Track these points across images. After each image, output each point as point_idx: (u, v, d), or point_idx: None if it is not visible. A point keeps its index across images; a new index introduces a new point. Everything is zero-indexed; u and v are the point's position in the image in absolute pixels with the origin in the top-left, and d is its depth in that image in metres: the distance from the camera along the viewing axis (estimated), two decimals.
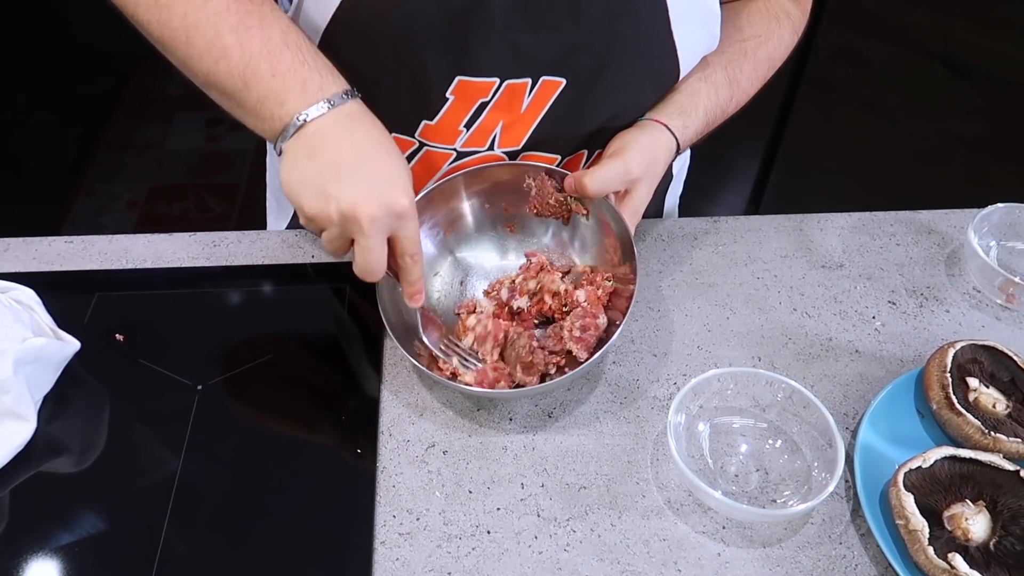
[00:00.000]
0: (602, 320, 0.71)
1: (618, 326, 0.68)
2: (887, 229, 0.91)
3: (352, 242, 0.61)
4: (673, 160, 0.75)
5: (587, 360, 0.67)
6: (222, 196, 2.26)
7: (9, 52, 2.19)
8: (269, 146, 0.90)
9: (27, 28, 2.18)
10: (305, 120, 0.59)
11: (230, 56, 0.59)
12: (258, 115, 0.61)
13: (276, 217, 0.96)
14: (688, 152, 0.94)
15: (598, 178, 0.69)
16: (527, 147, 0.74)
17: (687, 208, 1.00)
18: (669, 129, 0.73)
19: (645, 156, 0.71)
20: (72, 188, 2.22)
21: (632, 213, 0.71)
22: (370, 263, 0.60)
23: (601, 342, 0.70)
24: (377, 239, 0.60)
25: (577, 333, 0.70)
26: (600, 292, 0.72)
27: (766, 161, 2.02)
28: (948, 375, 0.69)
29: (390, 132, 0.63)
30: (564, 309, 0.74)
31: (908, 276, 0.85)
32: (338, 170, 0.59)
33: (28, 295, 0.73)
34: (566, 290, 0.74)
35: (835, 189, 1.80)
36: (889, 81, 1.71)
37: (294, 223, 0.90)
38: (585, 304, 0.72)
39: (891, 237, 0.90)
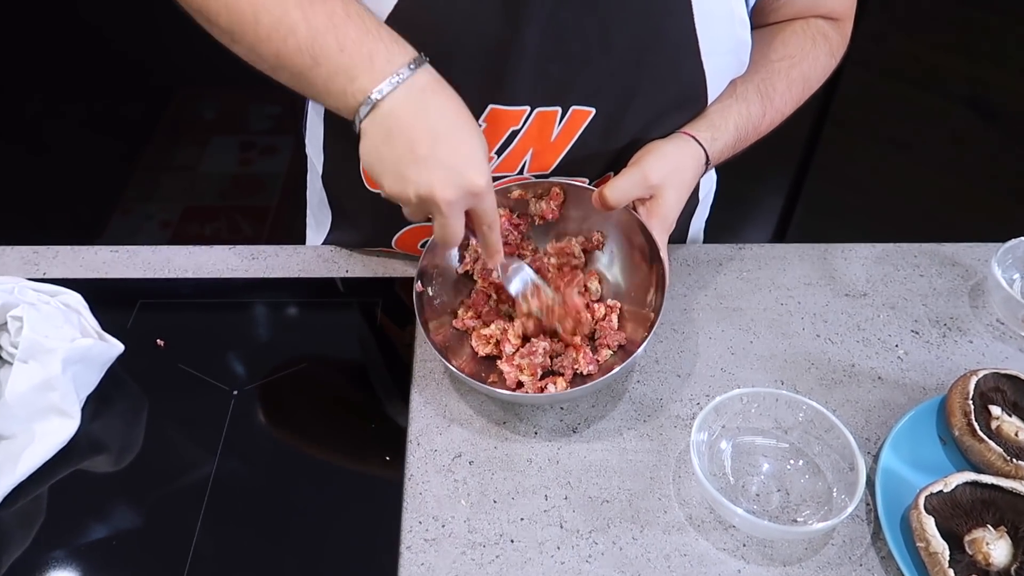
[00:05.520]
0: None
1: (644, 339, 0.70)
2: (911, 260, 0.92)
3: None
4: (704, 173, 0.76)
5: (610, 373, 0.69)
6: (253, 218, 2.30)
7: (53, 75, 2.27)
8: (310, 168, 0.93)
9: (71, 53, 2.26)
10: (378, 99, 0.59)
11: (297, 32, 0.59)
12: (329, 92, 0.61)
13: (315, 233, 0.99)
14: (714, 179, 0.96)
15: (617, 188, 0.71)
16: (555, 172, 0.76)
17: (711, 241, 1.02)
18: (697, 140, 0.74)
19: (666, 163, 0.72)
20: (108, 206, 2.28)
21: (660, 219, 0.72)
22: (447, 237, 0.63)
23: (626, 355, 0.72)
24: (454, 217, 0.62)
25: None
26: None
27: (790, 198, 2.03)
28: (971, 402, 0.70)
29: None
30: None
31: (932, 306, 0.86)
32: (414, 154, 0.60)
33: (76, 299, 0.76)
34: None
35: (860, 227, 1.80)
36: (915, 122, 1.72)
37: (330, 240, 0.92)
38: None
39: (915, 268, 0.91)
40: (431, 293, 0.77)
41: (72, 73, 2.30)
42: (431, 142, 0.60)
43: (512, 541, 0.65)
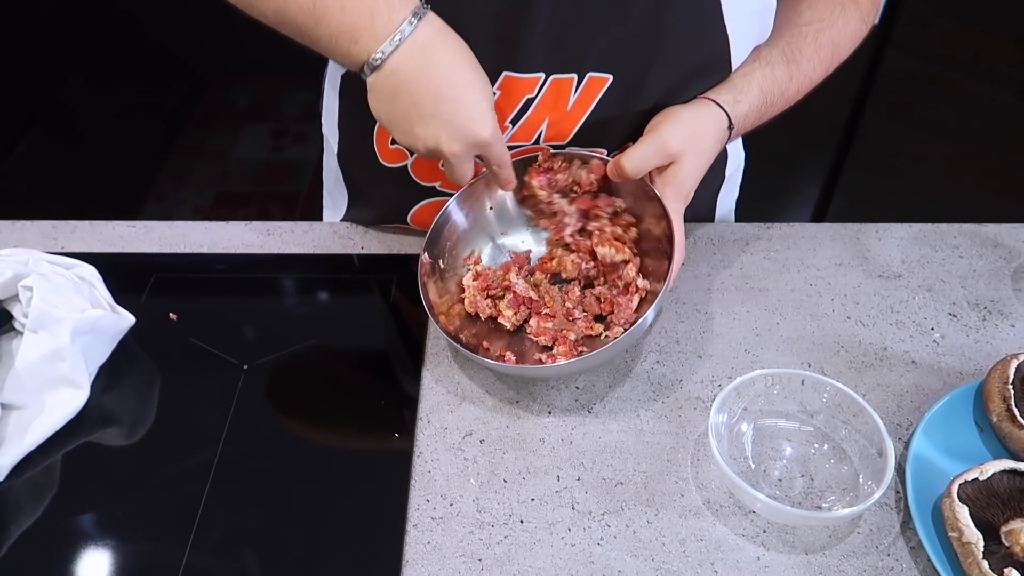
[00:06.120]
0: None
1: (652, 302, 0.66)
2: (950, 241, 0.87)
3: None
4: (728, 139, 0.72)
5: (615, 340, 0.66)
6: (283, 204, 2.31)
7: (90, 64, 2.30)
8: (326, 147, 0.92)
9: (108, 42, 2.29)
10: (381, 60, 0.60)
11: None
12: (335, 51, 0.62)
13: (331, 214, 0.98)
14: (742, 156, 0.92)
15: (635, 157, 0.67)
16: (572, 143, 0.74)
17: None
18: (718, 104, 0.70)
19: (684, 129, 0.69)
20: (143, 191, 2.31)
21: (675, 188, 0.68)
22: (458, 180, 0.68)
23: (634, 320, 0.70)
24: (463, 165, 0.66)
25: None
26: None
27: (827, 186, 1.97)
28: (1010, 387, 0.66)
29: None
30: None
31: (971, 289, 0.82)
32: (419, 112, 0.62)
33: (90, 272, 0.75)
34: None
35: (900, 216, 1.75)
36: (959, 108, 1.65)
37: (347, 219, 0.91)
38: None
39: (954, 249, 0.86)
40: (442, 266, 0.75)
41: (109, 62, 2.33)
42: (434, 101, 0.62)
43: (522, 522, 0.63)
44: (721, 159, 0.85)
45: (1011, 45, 1.54)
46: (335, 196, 0.94)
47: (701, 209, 0.88)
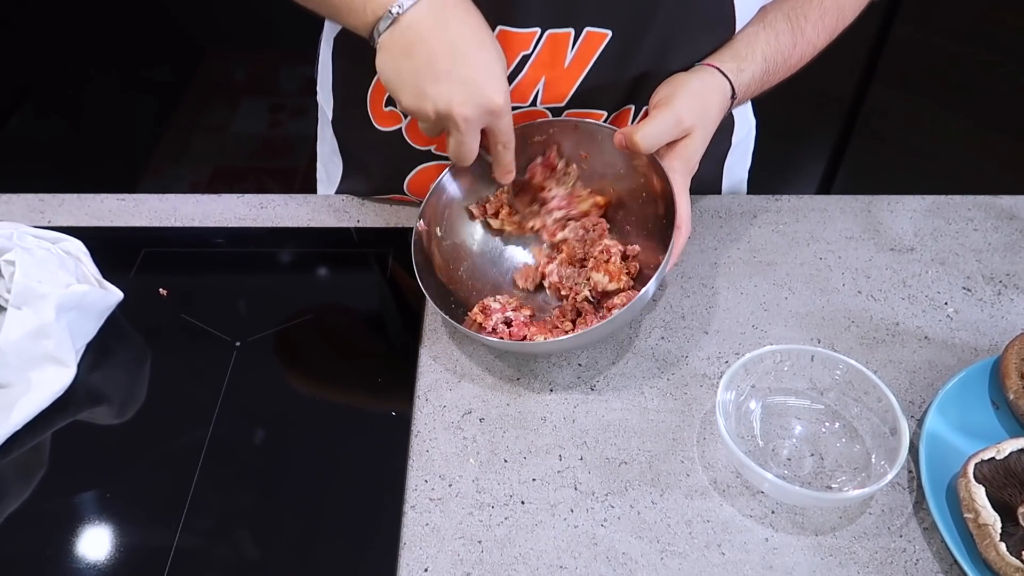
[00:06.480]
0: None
1: (654, 273, 0.63)
2: (964, 213, 0.85)
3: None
4: (729, 108, 0.70)
5: (612, 315, 0.64)
6: (281, 179, 2.29)
7: (86, 37, 2.26)
8: (321, 116, 0.89)
9: (104, 14, 2.25)
10: (399, 13, 0.58)
11: None
12: (351, 9, 0.61)
13: (325, 187, 0.96)
14: (752, 124, 0.89)
15: (649, 134, 0.64)
16: (571, 103, 0.71)
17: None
18: (721, 71, 0.67)
19: (695, 101, 0.66)
20: (139, 167, 2.28)
21: (684, 160, 0.66)
22: (463, 154, 0.63)
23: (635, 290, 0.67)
24: (471, 135, 0.62)
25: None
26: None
27: (833, 161, 1.94)
28: None
29: None
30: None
31: (986, 262, 0.79)
32: (434, 69, 0.59)
33: (76, 246, 0.73)
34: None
35: (908, 191, 1.71)
36: (970, 81, 1.62)
37: (342, 190, 0.89)
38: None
39: (968, 222, 0.84)
40: (439, 233, 0.72)
41: (103, 35, 2.29)
42: (451, 58, 0.59)
43: (523, 502, 0.61)
44: (727, 126, 0.82)
45: (1020, 15, 1.50)
46: (330, 168, 0.92)
47: (706, 178, 0.85)
